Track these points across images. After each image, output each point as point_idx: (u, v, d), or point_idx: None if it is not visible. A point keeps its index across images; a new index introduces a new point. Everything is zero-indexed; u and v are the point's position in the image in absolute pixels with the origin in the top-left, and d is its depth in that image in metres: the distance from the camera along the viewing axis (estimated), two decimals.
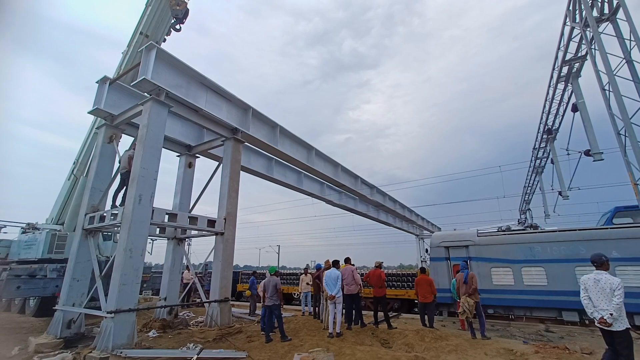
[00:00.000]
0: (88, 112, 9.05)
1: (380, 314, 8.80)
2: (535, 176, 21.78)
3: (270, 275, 7.80)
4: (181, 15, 13.44)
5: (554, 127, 15.80)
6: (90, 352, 5.78)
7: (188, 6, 13.91)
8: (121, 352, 5.46)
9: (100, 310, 6.60)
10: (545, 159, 19.12)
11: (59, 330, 7.32)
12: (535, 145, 18.55)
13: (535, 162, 19.98)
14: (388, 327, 8.07)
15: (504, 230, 11.94)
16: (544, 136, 16.86)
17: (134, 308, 6.48)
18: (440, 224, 37.16)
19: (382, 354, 5.86)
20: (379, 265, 9.00)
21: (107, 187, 8.85)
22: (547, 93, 14.31)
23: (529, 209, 30.50)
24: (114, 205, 8.61)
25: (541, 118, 16.21)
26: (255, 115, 10.84)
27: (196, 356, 5.39)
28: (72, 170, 12.70)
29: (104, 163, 8.89)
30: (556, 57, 12.32)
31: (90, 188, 8.57)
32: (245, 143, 10.85)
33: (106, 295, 6.72)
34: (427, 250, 12.97)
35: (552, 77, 13.17)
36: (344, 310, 7.93)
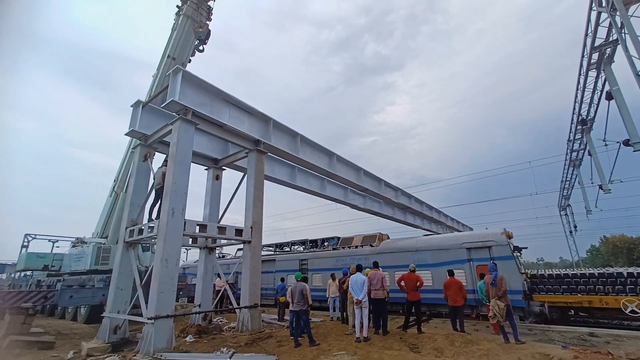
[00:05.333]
0: (125, 134, 9.85)
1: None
2: (573, 169, 20.45)
3: (297, 281, 8.01)
4: (204, 37, 14.32)
5: (588, 117, 14.79)
6: (135, 355, 6.27)
7: (210, 27, 14.80)
8: (161, 356, 5.88)
9: (142, 316, 7.13)
10: (582, 151, 17.92)
11: (107, 336, 7.97)
12: (569, 137, 17.44)
13: (571, 155, 18.76)
14: (418, 332, 7.97)
15: None
16: (579, 127, 15.84)
17: (171, 314, 6.94)
18: (472, 223, 35.71)
19: (410, 358, 5.86)
20: (413, 270, 8.95)
21: (144, 202, 9.54)
22: (578, 82, 13.45)
23: (569, 205, 28.61)
24: (150, 219, 9.26)
25: (574, 108, 15.22)
26: (276, 126, 11.20)
27: (229, 359, 5.68)
28: (113, 187, 13.80)
29: (141, 180, 9.61)
30: (584, 44, 11.59)
31: (130, 204, 9.29)
32: (268, 153, 11.23)
33: (146, 302, 7.25)
34: None
35: (581, 65, 12.37)
36: (371, 315, 7.97)
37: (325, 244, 19.05)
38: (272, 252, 22.21)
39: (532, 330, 8.83)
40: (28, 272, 18.96)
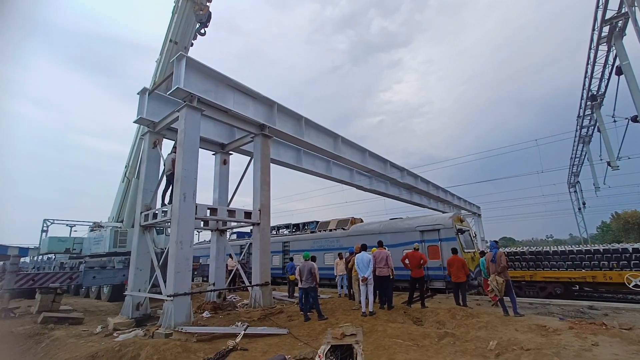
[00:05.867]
0: (133, 122, 10.09)
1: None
2: (583, 146, 20.12)
3: (305, 260, 8.41)
4: (205, 20, 14.13)
5: (599, 93, 14.39)
6: (157, 329, 6.80)
7: (210, 10, 14.57)
8: (182, 329, 6.38)
9: (161, 294, 7.65)
10: (592, 127, 17.55)
11: (130, 312, 8.60)
12: (579, 113, 17.04)
13: (580, 131, 18.41)
14: (421, 307, 8.36)
15: None
16: (589, 103, 15.45)
17: (188, 292, 7.42)
18: (480, 202, 35.68)
19: (412, 330, 6.21)
20: (417, 248, 9.31)
21: (156, 187, 9.91)
22: (588, 56, 12.99)
23: (578, 182, 28.32)
24: (163, 204, 9.65)
25: (584, 83, 14.78)
26: (280, 110, 11.27)
27: (243, 332, 6.15)
28: (125, 173, 14.24)
29: (151, 166, 9.93)
30: (595, 17, 11.09)
31: (143, 189, 9.68)
32: (273, 137, 11.37)
33: (164, 282, 7.74)
34: None
35: (592, 38, 11.91)
36: (377, 291, 8.37)
37: (306, 227, 20.25)
38: None
39: (533, 304, 9.15)
40: (50, 255, 19.99)
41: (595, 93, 14.43)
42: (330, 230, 17.48)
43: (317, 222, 19.65)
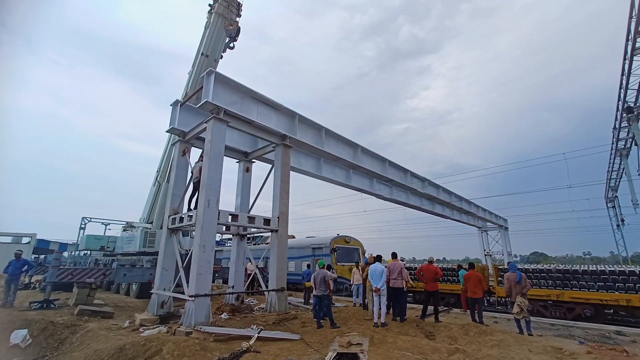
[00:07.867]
0: (166, 131, 10.86)
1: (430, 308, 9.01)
2: (620, 159, 18.92)
3: (319, 268, 8.61)
4: (234, 34, 14.99)
5: (636, 105, 13.56)
6: (179, 327, 7.27)
7: (239, 25, 15.42)
8: (201, 328, 6.79)
9: (184, 294, 8.15)
10: (630, 140, 16.50)
11: (155, 309, 9.18)
12: (615, 125, 16.10)
13: (617, 144, 17.36)
14: (435, 321, 8.29)
15: None
16: (624, 115, 14.58)
17: (208, 293, 7.87)
18: (508, 215, 34.22)
19: (422, 344, 6.23)
20: (431, 261, 9.26)
21: (184, 193, 10.57)
22: (623, 67, 12.34)
23: (617, 197, 26.54)
24: (189, 209, 10.27)
25: (619, 95, 14.03)
26: (301, 121, 11.67)
27: (257, 335, 6.46)
28: (156, 178, 15.20)
29: (180, 173, 10.63)
30: (629, 28, 10.59)
31: (171, 194, 10.36)
32: (294, 147, 11.76)
33: (187, 282, 8.25)
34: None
35: (626, 50, 11.34)
36: (391, 303, 8.41)
37: (255, 240, 24.37)
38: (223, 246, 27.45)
39: (555, 325, 8.80)
40: (86, 251, 21.54)
41: (631, 105, 13.63)
42: (267, 243, 20.80)
43: (261, 235, 23.52)
